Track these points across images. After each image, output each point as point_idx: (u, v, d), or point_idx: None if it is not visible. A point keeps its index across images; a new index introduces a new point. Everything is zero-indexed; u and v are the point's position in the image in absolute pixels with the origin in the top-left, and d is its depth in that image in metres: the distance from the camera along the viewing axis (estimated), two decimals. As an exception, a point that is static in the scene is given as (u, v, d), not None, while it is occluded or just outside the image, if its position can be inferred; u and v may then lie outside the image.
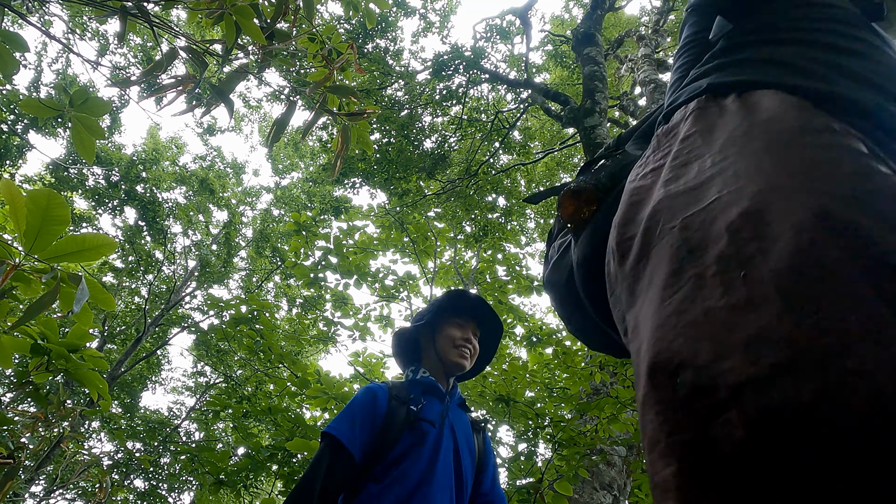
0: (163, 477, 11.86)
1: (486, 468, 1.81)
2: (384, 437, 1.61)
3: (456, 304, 1.96)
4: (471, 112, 9.91)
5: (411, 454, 1.60)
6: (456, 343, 1.86)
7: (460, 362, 1.84)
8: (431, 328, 1.93)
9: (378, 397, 1.69)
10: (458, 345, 1.86)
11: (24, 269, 1.46)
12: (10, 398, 3.08)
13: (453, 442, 1.69)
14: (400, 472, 1.56)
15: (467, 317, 1.94)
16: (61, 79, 12.79)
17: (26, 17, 1.83)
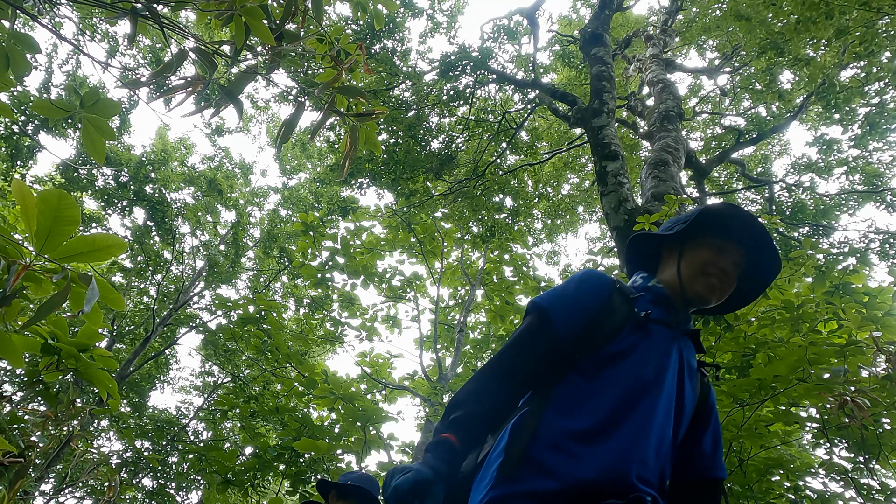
0: (171, 476, 11.92)
1: (707, 426, 1.49)
2: (599, 326, 1.37)
3: (721, 220, 1.49)
4: (478, 112, 9.91)
5: (633, 357, 1.34)
6: (705, 269, 1.45)
7: (703, 294, 1.44)
8: (681, 241, 1.53)
9: (599, 282, 1.45)
10: (707, 272, 1.45)
11: (35, 269, 1.47)
12: (21, 397, 3.10)
13: (679, 371, 1.39)
14: (616, 374, 1.31)
15: (732, 240, 1.49)
16: (72, 80, 12.89)
17: (37, 18, 1.84)
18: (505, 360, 1.37)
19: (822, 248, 8.49)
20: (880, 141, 10.07)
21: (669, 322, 1.44)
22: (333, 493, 2.65)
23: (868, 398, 2.53)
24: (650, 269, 1.59)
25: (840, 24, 6.85)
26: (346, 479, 2.66)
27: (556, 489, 1.17)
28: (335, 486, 2.66)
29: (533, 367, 1.35)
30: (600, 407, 1.27)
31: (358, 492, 2.60)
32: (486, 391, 1.33)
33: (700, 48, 11.03)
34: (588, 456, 1.21)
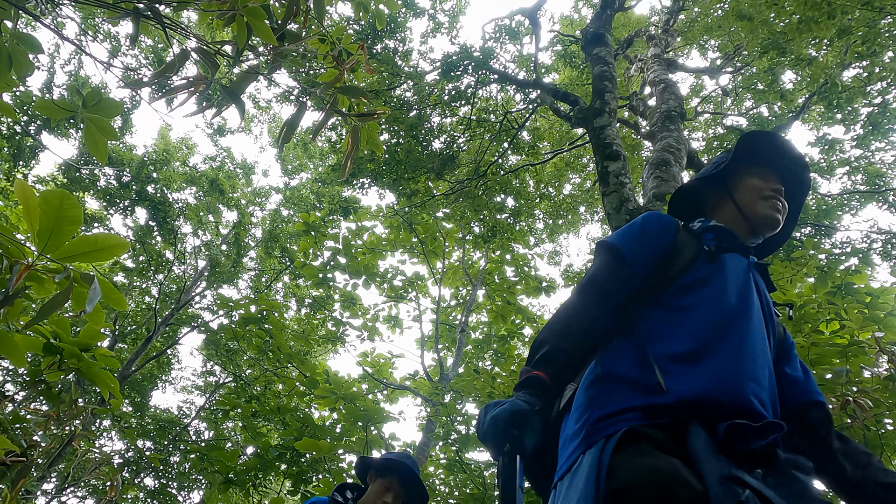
0: (173, 475, 11.93)
1: (790, 358, 1.47)
2: (672, 260, 1.37)
3: (759, 151, 1.54)
4: (479, 112, 9.91)
5: (713, 284, 1.31)
6: (763, 193, 1.48)
7: (772, 215, 1.46)
8: (723, 182, 1.55)
9: (664, 221, 1.45)
10: (765, 195, 1.48)
11: (37, 268, 1.47)
12: (23, 396, 3.11)
13: (759, 301, 1.36)
14: (700, 300, 1.29)
15: (771, 169, 1.53)
16: (74, 80, 12.92)
17: (40, 18, 1.84)
18: (584, 297, 1.34)
19: (824, 249, 8.48)
20: (882, 141, 10.05)
21: (742, 252, 1.41)
22: (372, 472, 2.51)
23: (870, 398, 2.53)
24: None
25: (842, 24, 6.84)
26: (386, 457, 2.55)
27: (670, 402, 1.12)
28: (375, 464, 2.53)
29: (614, 301, 1.32)
30: (693, 331, 1.23)
31: (400, 468, 2.47)
32: (569, 327, 1.30)
33: (702, 48, 11.02)
34: (696, 373, 1.16)
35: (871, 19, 6.77)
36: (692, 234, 1.45)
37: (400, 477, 2.45)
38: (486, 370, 6.83)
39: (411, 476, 2.48)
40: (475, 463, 5.01)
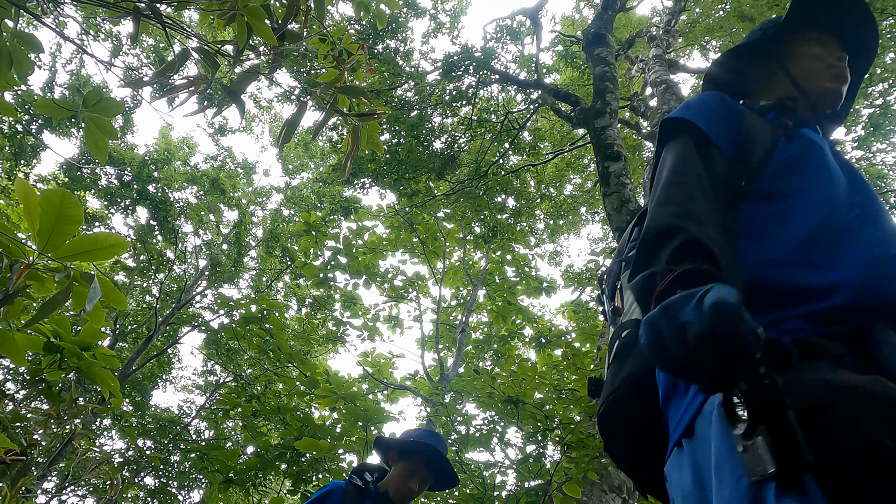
0: (173, 475, 11.94)
1: None
2: (753, 139, 1.12)
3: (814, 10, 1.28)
4: (480, 113, 9.91)
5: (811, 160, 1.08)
6: (827, 62, 1.25)
7: (833, 87, 1.24)
8: (776, 48, 1.31)
9: (728, 98, 1.20)
10: (830, 63, 1.25)
11: (37, 267, 1.47)
12: (24, 395, 3.11)
13: None
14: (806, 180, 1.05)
15: (832, 33, 1.29)
16: (75, 79, 12.93)
17: (41, 18, 1.85)
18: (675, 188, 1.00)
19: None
20: (884, 142, 10.04)
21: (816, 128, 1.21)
22: (394, 454, 2.31)
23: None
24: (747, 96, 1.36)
25: (844, 25, 6.83)
26: (408, 437, 2.34)
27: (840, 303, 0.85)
28: (396, 445, 2.32)
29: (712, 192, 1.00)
30: (816, 216, 0.97)
31: (425, 450, 2.25)
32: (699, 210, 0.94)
33: (703, 49, 11.01)
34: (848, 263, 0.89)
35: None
36: (755, 111, 1.21)
37: (426, 459, 2.25)
38: (487, 370, 6.83)
39: (438, 457, 2.26)
40: (475, 463, 5.01)
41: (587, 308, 11.75)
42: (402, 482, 2.19)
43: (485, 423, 4.71)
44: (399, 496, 2.17)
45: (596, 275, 4.68)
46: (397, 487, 2.18)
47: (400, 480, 2.19)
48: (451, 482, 2.33)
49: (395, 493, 2.17)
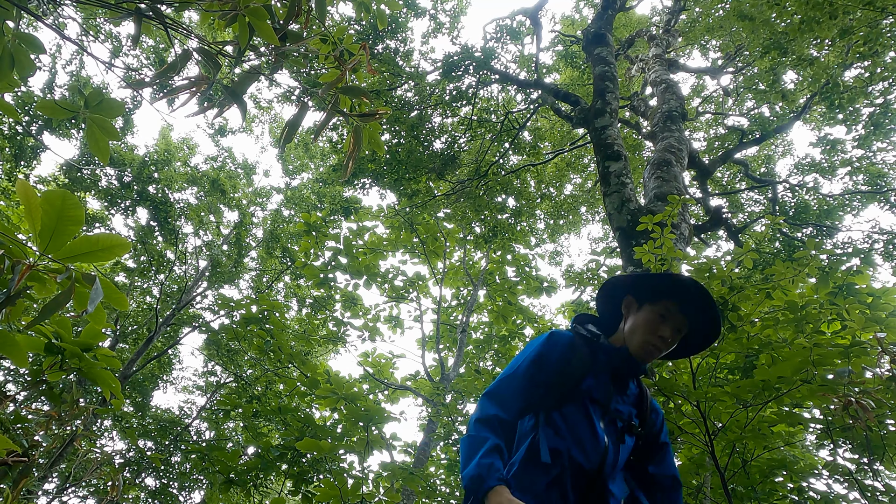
0: (174, 475, 11.94)
1: None
2: None
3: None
4: (480, 113, 9.91)
5: None
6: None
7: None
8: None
9: None
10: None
11: (39, 269, 1.47)
12: (25, 396, 3.11)
13: None
14: None
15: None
16: (75, 80, 12.93)
17: (41, 19, 1.85)
18: None
19: (825, 249, 8.47)
20: (884, 141, 10.04)
21: None
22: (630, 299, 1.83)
23: (872, 399, 2.53)
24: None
25: (844, 24, 6.83)
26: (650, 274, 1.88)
27: None
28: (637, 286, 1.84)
29: None
30: None
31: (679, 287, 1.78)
32: None
33: (703, 48, 11.01)
34: None
35: (873, 19, 6.76)
36: None
37: (681, 299, 1.73)
38: (488, 370, 6.83)
39: (698, 295, 1.74)
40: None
41: (588, 308, 11.75)
42: (647, 332, 1.72)
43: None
44: (643, 351, 1.72)
45: (596, 274, 4.64)
46: (641, 340, 1.71)
47: (644, 330, 1.72)
48: (713, 331, 1.83)
49: (638, 347, 1.72)
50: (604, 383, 1.68)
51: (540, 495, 1.48)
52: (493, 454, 1.48)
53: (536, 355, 1.71)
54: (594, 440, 1.58)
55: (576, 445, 1.55)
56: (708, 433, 2.79)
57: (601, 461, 1.55)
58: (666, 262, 3.70)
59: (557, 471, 1.51)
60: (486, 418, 1.58)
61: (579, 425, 1.59)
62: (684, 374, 3.17)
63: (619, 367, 1.73)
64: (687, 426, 3.00)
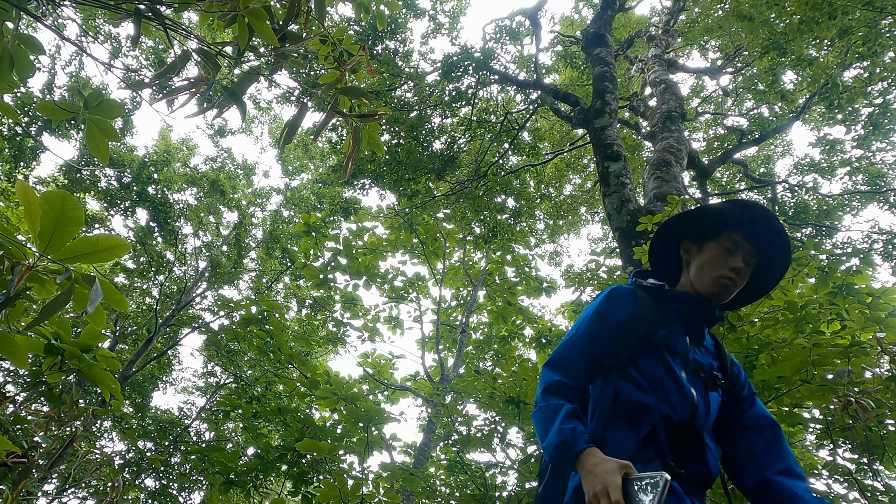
0: (173, 476, 11.93)
1: None
2: None
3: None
4: (480, 113, 9.91)
5: None
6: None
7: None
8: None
9: None
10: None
11: (38, 270, 1.47)
12: (24, 397, 3.11)
13: None
14: None
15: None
16: (75, 81, 12.93)
17: (41, 20, 1.85)
18: None
19: (825, 249, 8.46)
20: (883, 141, 10.04)
21: None
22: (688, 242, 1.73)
23: (872, 399, 2.53)
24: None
25: (843, 25, 6.84)
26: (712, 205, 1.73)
27: None
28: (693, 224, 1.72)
29: None
30: None
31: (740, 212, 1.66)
32: None
33: (702, 48, 11.02)
34: None
35: (872, 20, 6.76)
36: None
37: (746, 229, 1.62)
38: (487, 371, 6.82)
39: (764, 221, 1.63)
40: (476, 464, 5.01)
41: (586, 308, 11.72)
42: (716, 267, 1.60)
43: (486, 423, 4.71)
44: (716, 288, 1.60)
45: (596, 274, 4.63)
46: (711, 278, 1.60)
47: (713, 266, 1.61)
48: (784, 257, 1.71)
49: (710, 285, 1.61)
50: (678, 333, 1.56)
51: (634, 454, 1.35)
52: (572, 419, 1.38)
53: (596, 313, 1.60)
54: (680, 391, 1.45)
55: (662, 399, 1.43)
56: (708, 433, 2.78)
57: (692, 413, 1.43)
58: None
59: (648, 427, 1.39)
60: (552, 387, 1.49)
61: (661, 378, 1.47)
62: (684, 374, 3.16)
63: (693, 313, 1.58)
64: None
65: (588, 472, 1.26)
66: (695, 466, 1.42)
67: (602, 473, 1.23)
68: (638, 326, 1.54)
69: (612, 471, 1.22)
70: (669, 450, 1.39)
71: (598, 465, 1.25)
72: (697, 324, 1.60)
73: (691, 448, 1.42)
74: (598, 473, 1.23)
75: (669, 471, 1.33)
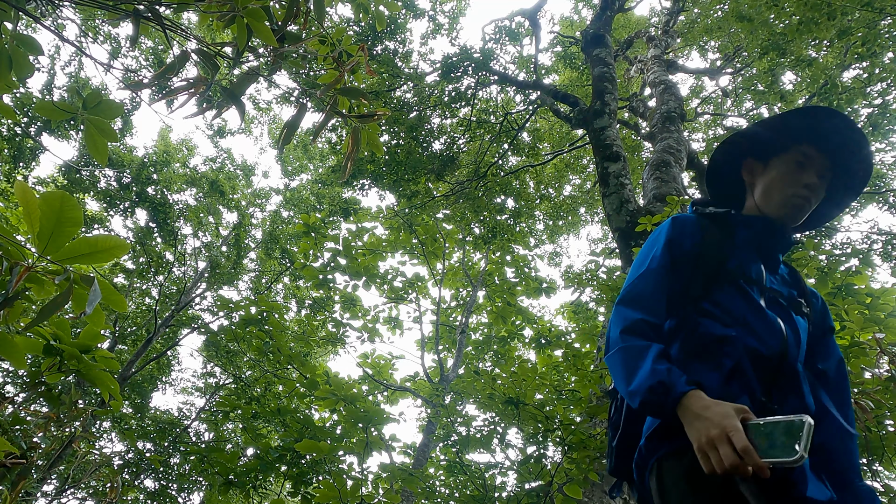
0: (173, 477, 11.92)
1: None
2: None
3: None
4: (479, 114, 9.91)
5: None
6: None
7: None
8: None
9: None
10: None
11: (37, 270, 1.47)
12: (23, 398, 3.10)
13: None
14: None
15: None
16: (74, 82, 12.92)
17: (40, 20, 1.85)
18: None
19: (824, 250, 8.47)
20: (883, 142, 10.05)
21: None
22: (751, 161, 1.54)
23: (872, 400, 2.53)
24: None
25: (842, 25, 6.85)
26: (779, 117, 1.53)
27: None
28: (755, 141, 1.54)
29: None
30: None
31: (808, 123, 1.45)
32: None
33: (702, 49, 11.03)
34: None
35: (871, 20, 6.77)
36: None
37: (818, 139, 1.43)
38: (487, 371, 6.82)
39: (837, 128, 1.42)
40: (476, 465, 5.01)
41: (587, 309, 11.74)
42: (786, 185, 1.43)
43: (485, 424, 4.71)
44: (788, 208, 1.43)
45: (595, 275, 4.63)
46: (782, 197, 1.43)
47: (782, 185, 1.43)
48: (864, 167, 1.49)
49: (781, 206, 1.43)
50: (751, 261, 1.40)
51: (718, 393, 1.18)
52: (663, 360, 1.22)
53: (668, 242, 1.42)
54: (765, 322, 1.31)
55: (746, 331, 1.29)
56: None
57: (781, 343, 1.28)
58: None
59: (732, 362, 1.25)
60: (632, 326, 1.31)
61: (741, 309, 1.32)
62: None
63: (765, 237, 1.42)
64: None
65: (696, 417, 1.10)
66: (790, 401, 1.27)
67: (716, 417, 1.07)
68: (707, 257, 1.38)
69: (729, 414, 1.07)
70: (759, 385, 1.24)
71: (708, 409, 1.09)
72: (770, 250, 1.44)
73: (784, 381, 1.28)
74: (712, 417, 1.07)
75: (759, 406, 1.21)
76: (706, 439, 1.06)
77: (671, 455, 1.22)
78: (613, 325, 1.37)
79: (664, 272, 1.39)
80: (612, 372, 1.33)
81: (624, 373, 1.26)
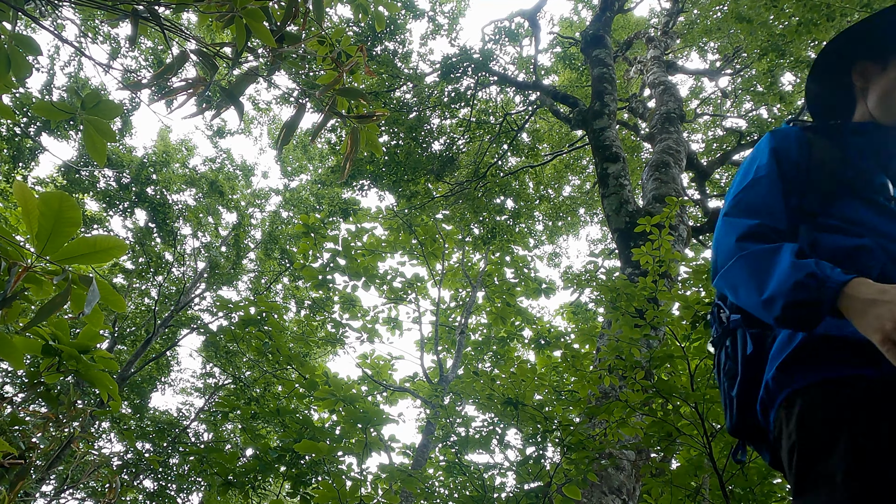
0: (172, 477, 11.91)
1: None
2: None
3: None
4: (479, 114, 9.91)
5: None
6: None
7: None
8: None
9: None
10: None
11: (36, 270, 1.47)
12: (22, 398, 3.10)
13: None
14: None
15: None
16: (73, 82, 12.92)
17: (39, 20, 1.85)
18: None
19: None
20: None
21: None
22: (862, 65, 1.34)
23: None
24: None
25: (841, 26, 6.86)
26: None
27: None
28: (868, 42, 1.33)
29: None
30: None
31: None
32: None
33: (701, 50, 11.04)
34: None
35: (870, 21, 6.77)
36: None
37: None
38: (486, 372, 6.82)
39: None
40: (475, 465, 5.01)
41: (586, 309, 11.75)
42: None
43: (484, 424, 4.71)
44: None
45: (595, 276, 4.60)
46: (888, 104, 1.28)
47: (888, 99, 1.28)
48: None
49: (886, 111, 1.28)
50: (872, 169, 1.21)
51: None
52: (803, 255, 1.02)
53: (772, 150, 1.26)
54: None
55: (883, 239, 1.10)
56: (706, 435, 2.79)
57: None
58: (664, 263, 3.71)
59: (878, 269, 1.05)
60: (752, 231, 1.12)
61: (870, 217, 1.14)
62: (683, 375, 3.17)
63: (884, 146, 1.24)
64: (685, 428, 3.00)
65: (873, 302, 0.88)
66: None
67: None
68: (820, 171, 1.21)
69: None
70: None
71: (885, 293, 0.88)
72: (890, 159, 1.25)
73: None
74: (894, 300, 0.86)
75: None
76: (894, 324, 0.84)
77: (817, 386, 0.99)
78: (725, 235, 1.16)
79: (775, 177, 1.21)
80: (731, 287, 1.11)
81: (754, 280, 1.04)
